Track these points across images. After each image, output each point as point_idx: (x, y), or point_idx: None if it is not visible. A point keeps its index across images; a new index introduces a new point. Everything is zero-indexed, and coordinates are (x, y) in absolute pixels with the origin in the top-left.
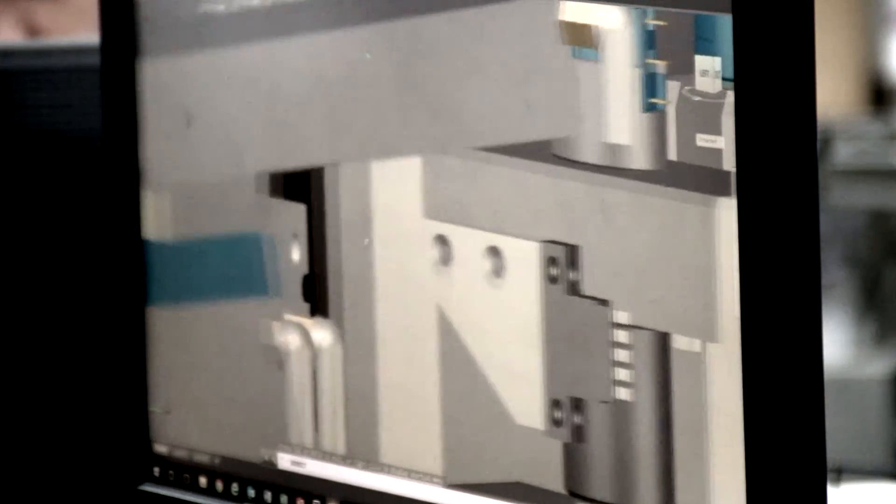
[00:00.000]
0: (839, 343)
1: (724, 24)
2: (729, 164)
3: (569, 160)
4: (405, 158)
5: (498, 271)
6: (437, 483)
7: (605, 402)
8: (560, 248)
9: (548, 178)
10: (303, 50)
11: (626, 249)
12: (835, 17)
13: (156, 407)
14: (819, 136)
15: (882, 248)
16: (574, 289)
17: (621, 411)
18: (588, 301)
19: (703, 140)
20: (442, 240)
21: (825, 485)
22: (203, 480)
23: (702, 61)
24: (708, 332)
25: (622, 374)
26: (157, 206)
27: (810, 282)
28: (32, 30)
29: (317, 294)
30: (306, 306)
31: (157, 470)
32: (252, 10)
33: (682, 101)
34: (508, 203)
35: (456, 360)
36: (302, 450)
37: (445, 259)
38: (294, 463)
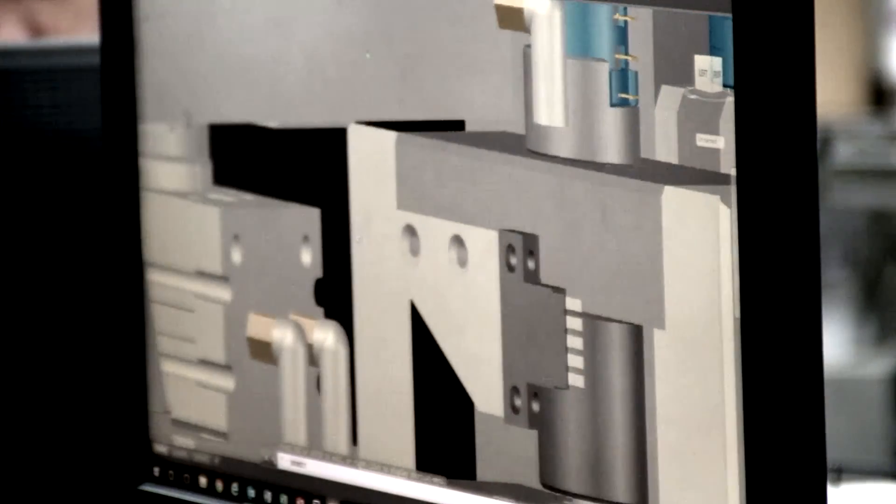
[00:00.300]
0: (839, 343)
1: (725, 23)
2: (727, 163)
3: (529, 150)
4: (382, 146)
5: (462, 261)
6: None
7: (560, 388)
8: (518, 236)
9: (509, 167)
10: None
11: (583, 239)
12: (835, 17)
13: (156, 407)
14: (819, 136)
15: (882, 248)
16: (531, 276)
17: (577, 398)
18: (544, 289)
19: (702, 140)
20: (411, 230)
21: (825, 485)
22: (203, 480)
23: (700, 61)
24: (658, 321)
25: (577, 361)
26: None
27: (810, 282)
28: (35, 29)
29: (331, 298)
30: (319, 310)
31: (157, 470)
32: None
33: (660, 98)
34: (471, 193)
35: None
36: (301, 450)
37: (415, 250)
38: (294, 463)
